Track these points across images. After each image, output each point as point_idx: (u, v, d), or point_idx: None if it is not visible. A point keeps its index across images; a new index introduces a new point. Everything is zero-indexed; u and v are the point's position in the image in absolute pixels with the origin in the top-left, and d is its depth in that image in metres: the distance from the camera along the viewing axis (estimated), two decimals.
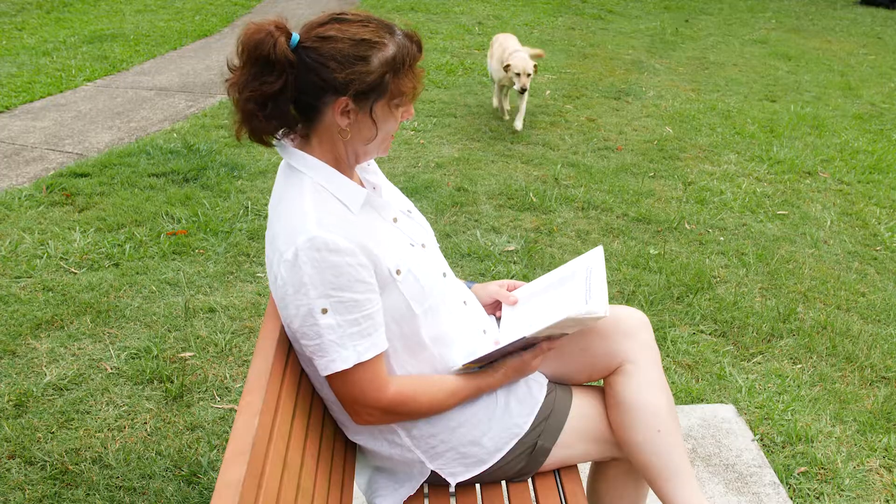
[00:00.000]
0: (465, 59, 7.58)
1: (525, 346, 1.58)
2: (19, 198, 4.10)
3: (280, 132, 1.47)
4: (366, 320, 1.40)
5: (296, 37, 1.38)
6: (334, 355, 1.39)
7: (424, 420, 1.57)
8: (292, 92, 1.39)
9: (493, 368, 1.59)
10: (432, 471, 1.63)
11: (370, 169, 1.64)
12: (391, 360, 1.53)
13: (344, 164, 1.50)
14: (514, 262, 3.65)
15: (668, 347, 3.04)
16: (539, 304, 1.70)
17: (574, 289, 1.62)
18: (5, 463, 2.36)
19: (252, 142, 1.47)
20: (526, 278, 3.47)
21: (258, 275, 3.45)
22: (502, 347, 1.53)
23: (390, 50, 1.39)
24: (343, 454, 1.66)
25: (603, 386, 1.74)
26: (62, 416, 2.56)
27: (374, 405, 1.46)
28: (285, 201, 1.44)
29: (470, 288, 1.84)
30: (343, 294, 1.36)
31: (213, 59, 7.42)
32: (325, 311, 1.36)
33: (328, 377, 1.44)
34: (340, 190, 1.44)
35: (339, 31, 1.38)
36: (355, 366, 1.41)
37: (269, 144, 1.48)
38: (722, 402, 2.77)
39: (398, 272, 1.46)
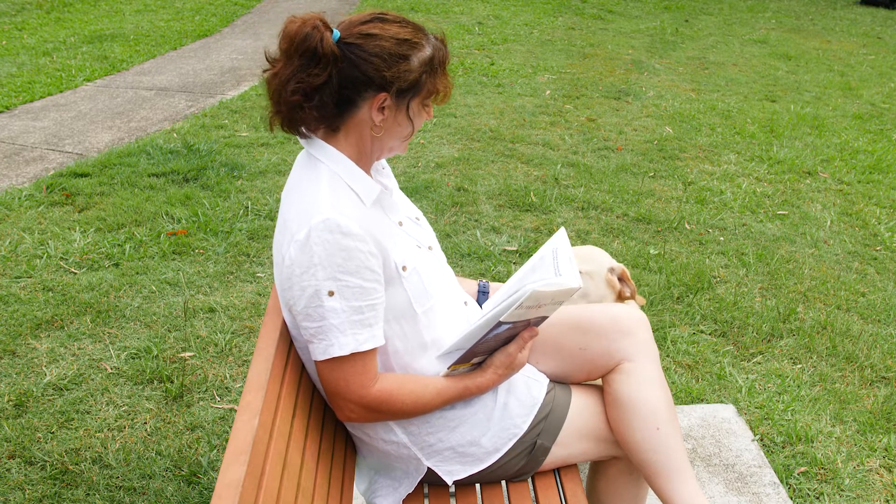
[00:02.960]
0: (466, 59, 7.58)
1: (508, 339, 1.56)
2: (19, 198, 4.10)
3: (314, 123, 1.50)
4: (369, 310, 1.41)
5: (336, 33, 1.41)
6: (333, 340, 1.39)
7: (422, 418, 1.57)
8: (335, 85, 1.42)
9: (481, 368, 1.59)
10: (429, 469, 1.63)
11: (385, 172, 1.66)
12: (392, 360, 1.54)
13: (365, 160, 1.52)
14: (515, 262, 3.64)
15: (668, 347, 3.03)
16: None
17: (544, 272, 1.63)
18: (5, 463, 2.37)
19: (284, 132, 1.50)
20: None
21: (258, 275, 3.45)
22: (474, 332, 1.48)
23: (427, 51, 1.46)
24: (343, 454, 1.66)
25: (602, 385, 1.74)
26: (62, 416, 2.56)
27: (357, 401, 1.46)
28: (300, 188, 1.46)
29: (484, 287, 1.89)
30: (351, 279, 1.37)
31: (213, 59, 7.42)
32: (331, 293, 1.37)
33: (319, 363, 1.44)
34: (356, 182, 1.47)
35: (382, 30, 1.42)
36: (350, 355, 1.41)
37: (303, 135, 1.51)
38: (722, 402, 2.77)
39: (404, 268, 1.48)
